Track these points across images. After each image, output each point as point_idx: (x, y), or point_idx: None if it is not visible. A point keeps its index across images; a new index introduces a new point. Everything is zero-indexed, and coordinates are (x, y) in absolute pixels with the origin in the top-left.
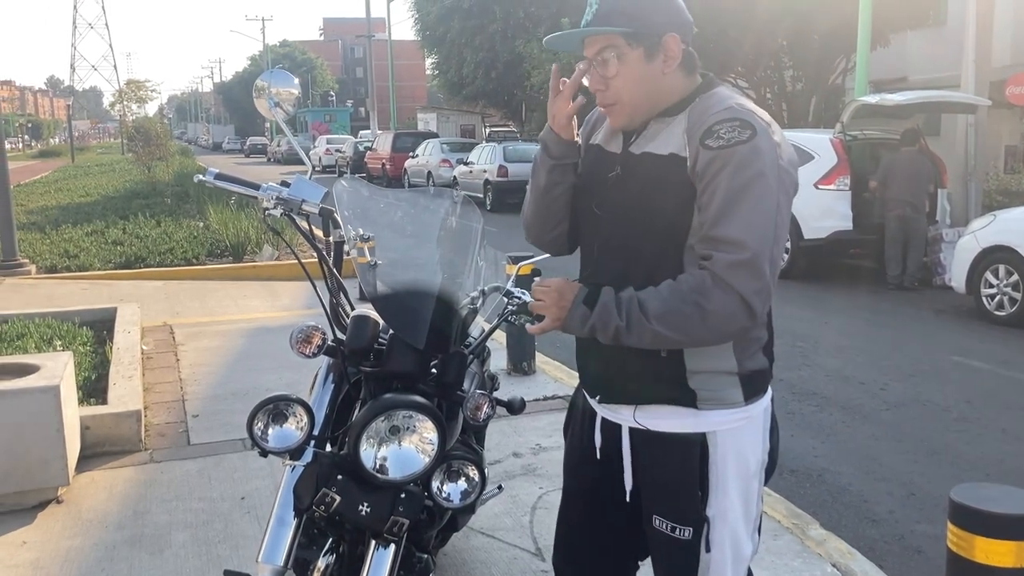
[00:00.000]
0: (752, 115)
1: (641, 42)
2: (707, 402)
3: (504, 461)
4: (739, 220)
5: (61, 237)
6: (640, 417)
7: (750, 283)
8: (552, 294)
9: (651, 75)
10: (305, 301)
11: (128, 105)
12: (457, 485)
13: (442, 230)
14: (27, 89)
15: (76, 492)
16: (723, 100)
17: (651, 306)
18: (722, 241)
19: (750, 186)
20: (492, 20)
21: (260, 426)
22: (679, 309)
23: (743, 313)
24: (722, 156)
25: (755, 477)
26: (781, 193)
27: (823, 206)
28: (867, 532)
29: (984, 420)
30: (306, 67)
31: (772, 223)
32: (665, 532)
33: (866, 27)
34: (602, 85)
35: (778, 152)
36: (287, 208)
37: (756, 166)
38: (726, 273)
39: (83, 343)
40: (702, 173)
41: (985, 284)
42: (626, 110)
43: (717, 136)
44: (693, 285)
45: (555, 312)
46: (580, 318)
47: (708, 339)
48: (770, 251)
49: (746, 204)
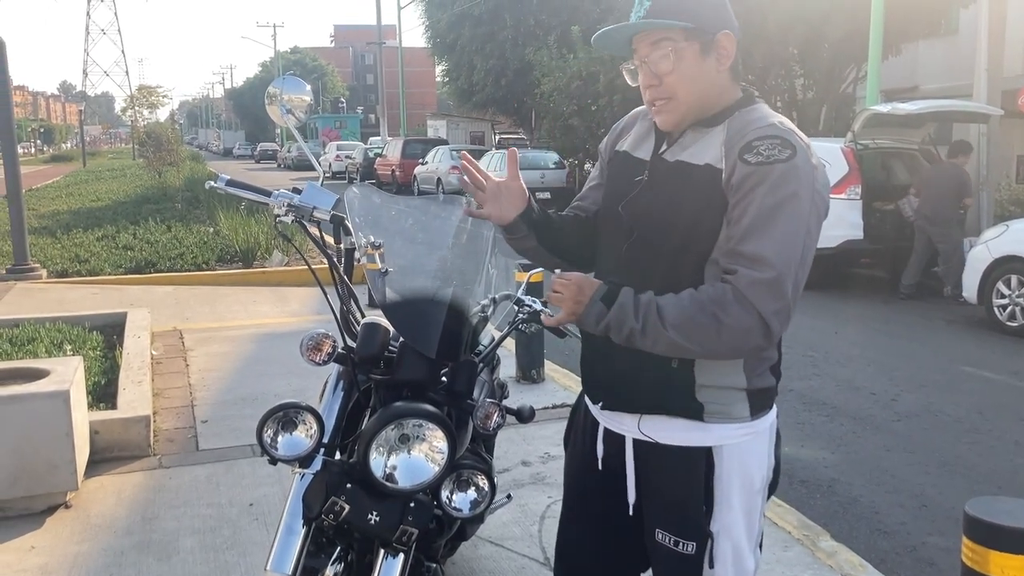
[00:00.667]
0: (793, 135)
1: (698, 37)
2: (714, 416)
3: (513, 470)
4: (768, 238)
5: (72, 242)
6: (645, 428)
7: (771, 302)
8: (571, 287)
9: (705, 73)
10: (315, 307)
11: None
12: (466, 494)
13: (453, 237)
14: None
15: (85, 497)
16: (766, 116)
17: (669, 312)
18: (748, 257)
19: (783, 205)
20: (502, 27)
21: (270, 434)
22: (696, 319)
23: (760, 331)
24: (759, 172)
25: (759, 492)
26: (812, 216)
27: (834, 215)
28: (878, 544)
29: (996, 431)
30: (317, 74)
31: (800, 245)
32: (667, 546)
33: (878, 36)
34: (655, 80)
35: (815, 175)
36: (298, 215)
37: (792, 186)
38: (748, 289)
39: (93, 348)
40: (737, 187)
41: (997, 294)
42: (680, 107)
43: (756, 152)
44: (714, 297)
45: (571, 306)
46: (596, 315)
47: (721, 353)
48: (795, 273)
49: (777, 223)
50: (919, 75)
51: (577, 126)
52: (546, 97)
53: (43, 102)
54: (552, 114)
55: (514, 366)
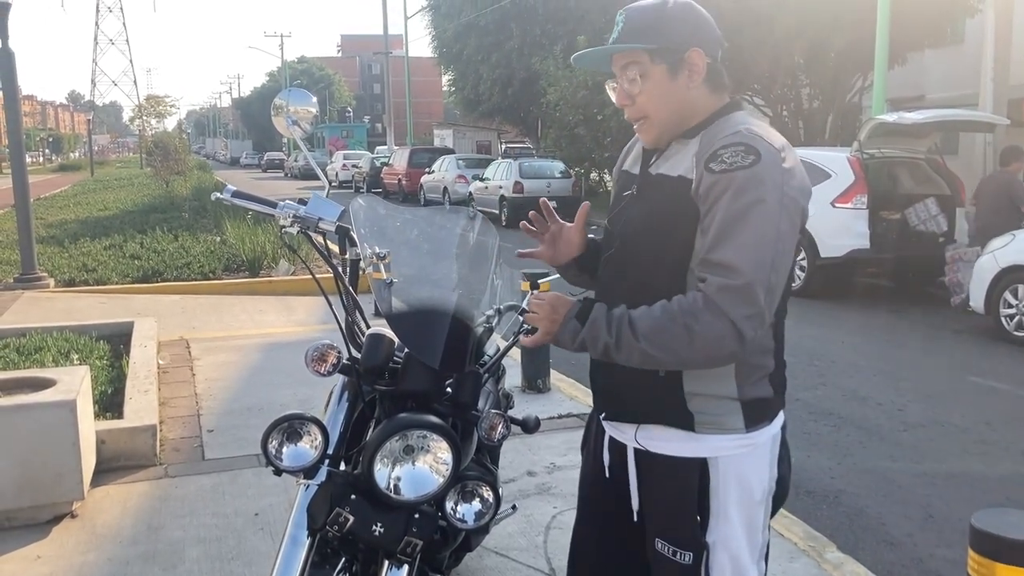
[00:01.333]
0: (759, 140)
1: (664, 58)
2: (705, 426)
3: (518, 480)
4: (735, 245)
5: (79, 251)
6: (641, 438)
7: (741, 308)
8: (545, 307)
9: (676, 91)
10: (320, 316)
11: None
12: (471, 506)
13: (458, 248)
14: (48, 104)
15: (91, 507)
16: (735, 124)
17: (640, 324)
18: (717, 264)
19: (748, 211)
20: (509, 37)
21: (275, 444)
22: (667, 329)
23: (732, 338)
24: (723, 180)
25: (760, 505)
26: (783, 219)
27: (840, 225)
28: (885, 556)
29: (1004, 442)
30: (324, 83)
31: (771, 250)
32: (667, 555)
33: (883, 45)
34: (628, 100)
35: (784, 178)
36: (304, 226)
37: (756, 192)
38: (718, 296)
39: (100, 357)
40: (704, 196)
41: (1004, 304)
42: (655, 125)
43: (720, 160)
44: (685, 306)
45: (547, 325)
46: (571, 332)
47: (697, 362)
48: (766, 277)
49: (743, 229)
50: (925, 84)
51: (583, 135)
52: (552, 106)
53: (52, 111)
54: (558, 123)
55: (520, 376)
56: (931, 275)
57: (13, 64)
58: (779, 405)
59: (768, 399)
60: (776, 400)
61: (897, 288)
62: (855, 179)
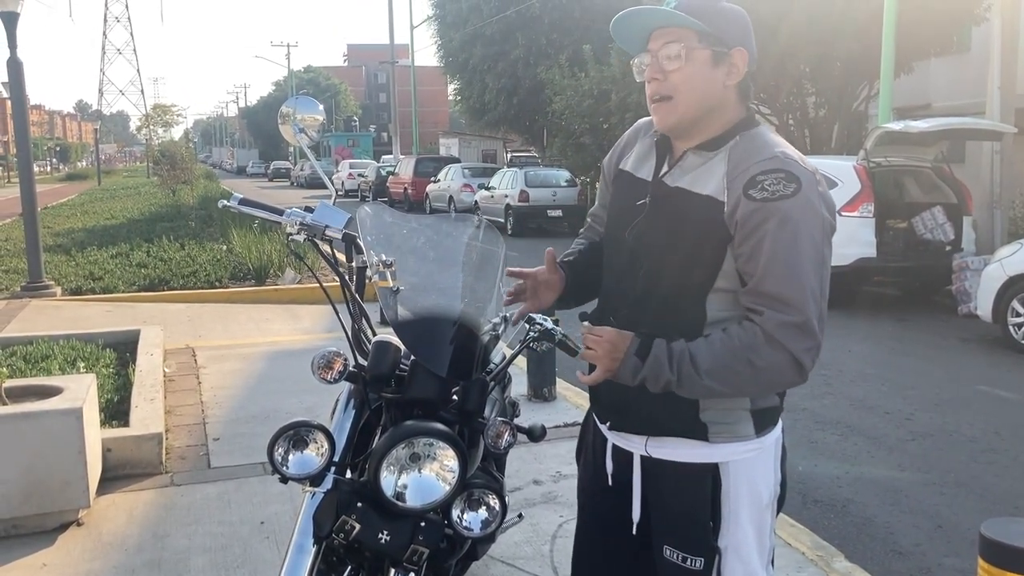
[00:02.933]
0: (797, 165)
1: (711, 44)
2: (719, 435)
3: (524, 488)
4: (788, 278)
5: (86, 259)
6: (651, 447)
7: (801, 342)
8: (605, 345)
9: (711, 82)
10: (326, 325)
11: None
12: (477, 514)
13: (464, 256)
14: (56, 113)
15: (96, 515)
16: (768, 146)
17: (702, 361)
18: (772, 298)
19: (797, 242)
20: (514, 46)
21: (280, 452)
22: (730, 366)
23: (793, 370)
24: (766, 209)
25: (768, 508)
26: (826, 244)
27: (847, 233)
28: (894, 565)
29: (1013, 451)
30: (330, 92)
31: (820, 278)
32: (675, 562)
33: (889, 54)
34: (660, 75)
35: (822, 204)
36: (310, 233)
37: (802, 221)
38: (778, 332)
39: (106, 365)
40: (743, 223)
41: (1012, 313)
42: (678, 109)
43: (762, 187)
44: (746, 342)
45: (607, 363)
46: (632, 369)
47: (756, 392)
48: (820, 308)
49: (795, 261)
50: (931, 93)
51: (589, 144)
52: (558, 115)
53: (59, 121)
54: (564, 132)
55: (526, 385)
56: (938, 284)
57: (21, 74)
58: (781, 408)
59: (775, 407)
60: (780, 406)
61: (904, 297)
62: (861, 187)
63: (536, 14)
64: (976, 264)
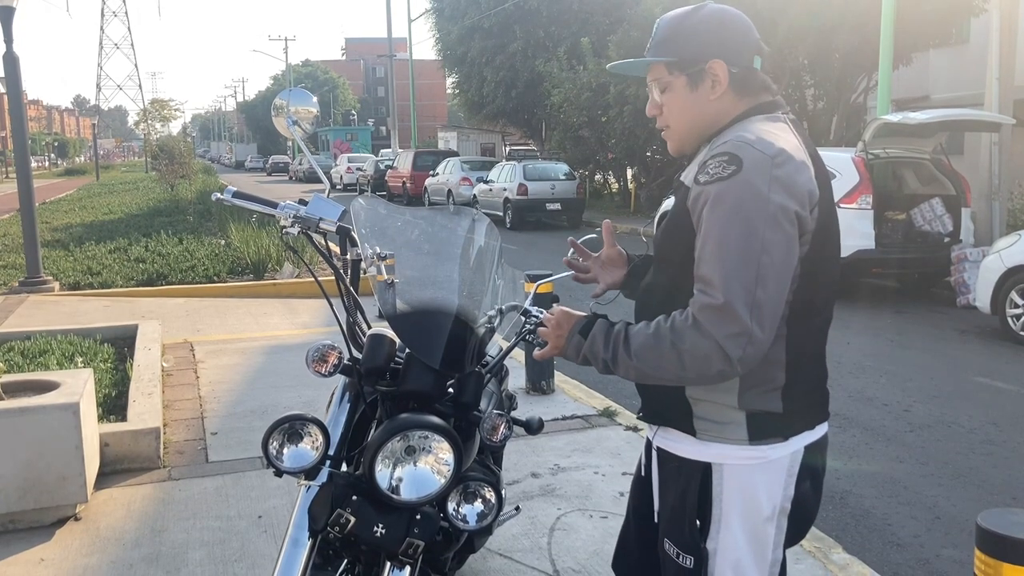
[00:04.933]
0: (746, 148)
1: (683, 70)
2: (705, 432)
3: (522, 481)
4: (715, 260)
5: (84, 254)
6: (659, 437)
7: (723, 327)
8: (552, 322)
9: (697, 102)
10: (324, 319)
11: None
12: (473, 507)
13: (460, 248)
14: (54, 108)
15: (94, 509)
16: (733, 131)
17: (634, 342)
18: (699, 279)
19: (728, 224)
20: (512, 39)
21: (275, 445)
22: (656, 347)
23: (718, 357)
24: (705, 192)
25: (770, 522)
26: (769, 230)
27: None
28: (891, 557)
29: (1011, 443)
30: (328, 86)
31: (754, 263)
32: (672, 557)
33: (888, 46)
34: (656, 110)
35: (771, 186)
36: (305, 226)
37: (734, 203)
38: (700, 315)
39: (104, 360)
40: (692, 208)
41: (1010, 304)
42: (676, 135)
43: (706, 171)
44: (676, 325)
45: (554, 340)
46: (575, 347)
47: (690, 380)
48: (749, 294)
49: (724, 243)
50: (930, 84)
51: (587, 137)
52: (556, 108)
53: (57, 116)
54: (562, 125)
55: (524, 378)
56: (936, 276)
57: (18, 68)
58: (799, 423)
59: (776, 414)
60: (791, 417)
61: (902, 288)
62: (860, 179)
63: (534, 7)
64: (974, 256)
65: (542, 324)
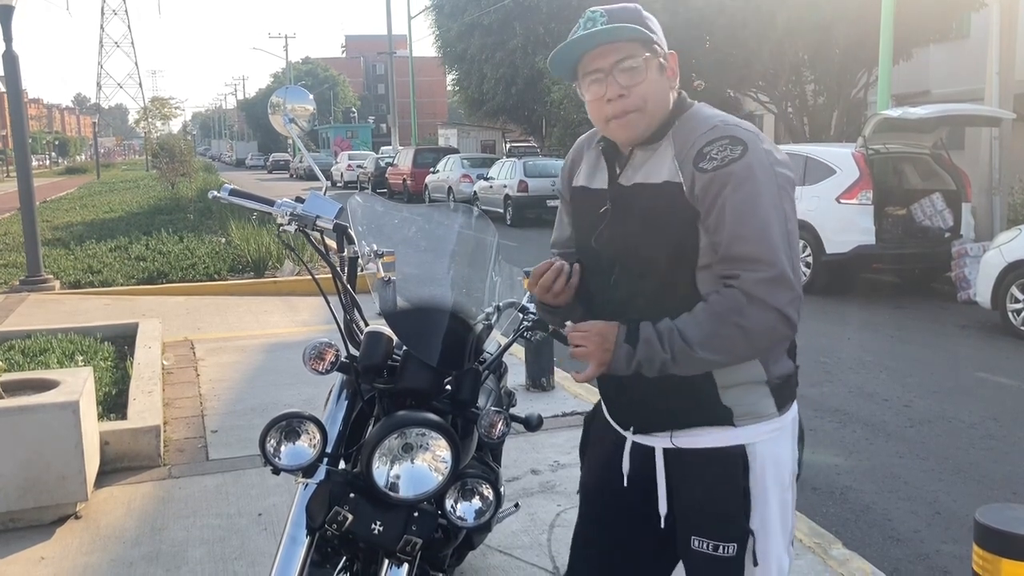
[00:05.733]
0: (738, 129)
1: (655, 53)
2: (743, 418)
3: (522, 478)
4: (754, 237)
5: (85, 253)
6: (677, 438)
7: (783, 295)
8: (594, 338)
9: (664, 87)
10: (324, 317)
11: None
12: (471, 504)
13: (457, 245)
14: (54, 107)
15: (94, 508)
16: (707, 119)
17: (692, 334)
18: (744, 260)
19: (756, 201)
20: (512, 36)
21: (273, 443)
22: (720, 332)
23: (783, 325)
24: (720, 177)
25: (790, 488)
26: (784, 200)
27: (845, 220)
28: (891, 552)
29: (1011, 438)
30: (328, 84)
31: (784, 231)
32: (706, 552)
33: (888, 41)
34: (623, 91)
35: (771, 159)
36: (301, 224)
37: (756, 180)
38: (757, 290)
39: (104, 358)
40: (702, 196)
41: (1011, 299)
42: (646, 118)
43: (710, 158)
44: (729, 306)
45: (600, 356)
46: (625, 357)
47: (753, 355)
48: (791, 260)
49: (757, 220)
50: (930, 79)
51: None
52: (556, 105)
53: (58, 115)
54: (562, 122)
55: (524, 375)
56: (937, 271)
57: (17, 67)
58: (796, 380)
59: (791, 375)
60: (795, 373)
61: (903, 284)
62: (860, 175)
63: (534, 3)
64: (975, 251)
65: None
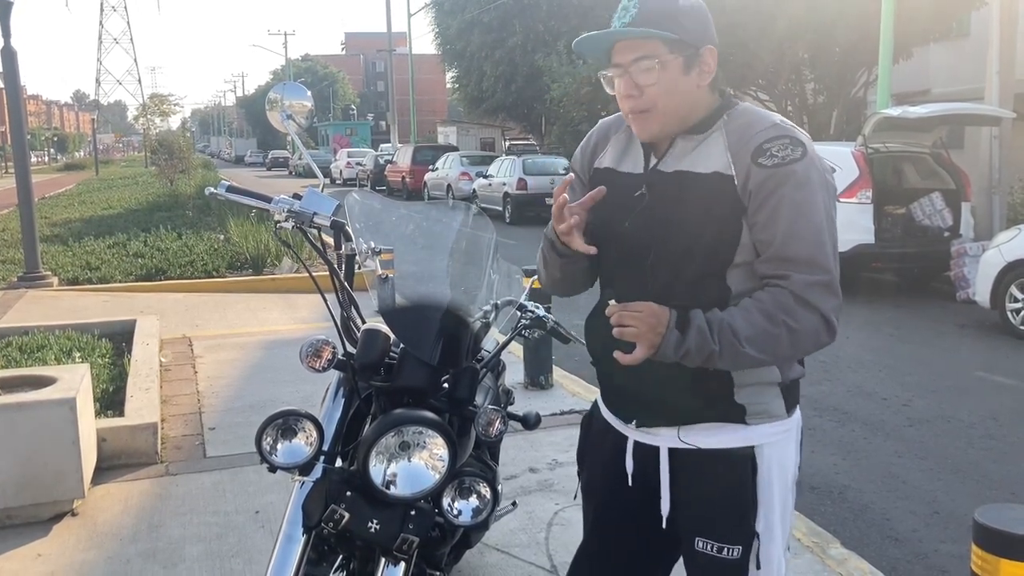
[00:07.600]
0: (797, 131)
1: (682, 51)
2: (755, 416)
3: (520, 476)
4: (809, 239)
5: (83, 249)
6: (684, 435)
7: (829, 301)
8: (648, 319)
9: (686, 87)
10: (323, 314)
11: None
12: (468, 502)
13: (454, 243)
14: (53, 103)
15: (91, 505)
16: (764, 116)
17: (742, 329)
18: (797, 261)
19: (812, 203)
20: (512, 34)
21: (269, 441)
22: (768, 331)
23: (825, 330)
24: (779, 174)
25: (791, 490)
26: (832, 208)
27: (845, 219)
28: (889, 551)
29: (1010, 437)
30: (328, 81)
31: (834, 238)
32: (709, 554)
33: (888, 40)
34: (635, 91)
35: (824, 166)
36: (299, 221)
37: (813, 183)
38: (807, 292)
39: (102, 355)
40: (756, 192)
41: (1010, 298)
42: (659, 119)
43: (770, 154)
44: (780, 305)
45: (651, 338)
46: (675, 343)
47: (793, 357)
48: (838, 267)
49: (813, 223)
50: (930, 78)
51: (587, 131)
52: (556, 103)
53: (57, 111)
54: (562, 120)
55: (522, 373)
56: (936, 270)
57: (16, 63)
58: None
59: (799, 378)
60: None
61: (902, 283)
62: (860, 174)
63: (534, 1)
64: (974, 250)
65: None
